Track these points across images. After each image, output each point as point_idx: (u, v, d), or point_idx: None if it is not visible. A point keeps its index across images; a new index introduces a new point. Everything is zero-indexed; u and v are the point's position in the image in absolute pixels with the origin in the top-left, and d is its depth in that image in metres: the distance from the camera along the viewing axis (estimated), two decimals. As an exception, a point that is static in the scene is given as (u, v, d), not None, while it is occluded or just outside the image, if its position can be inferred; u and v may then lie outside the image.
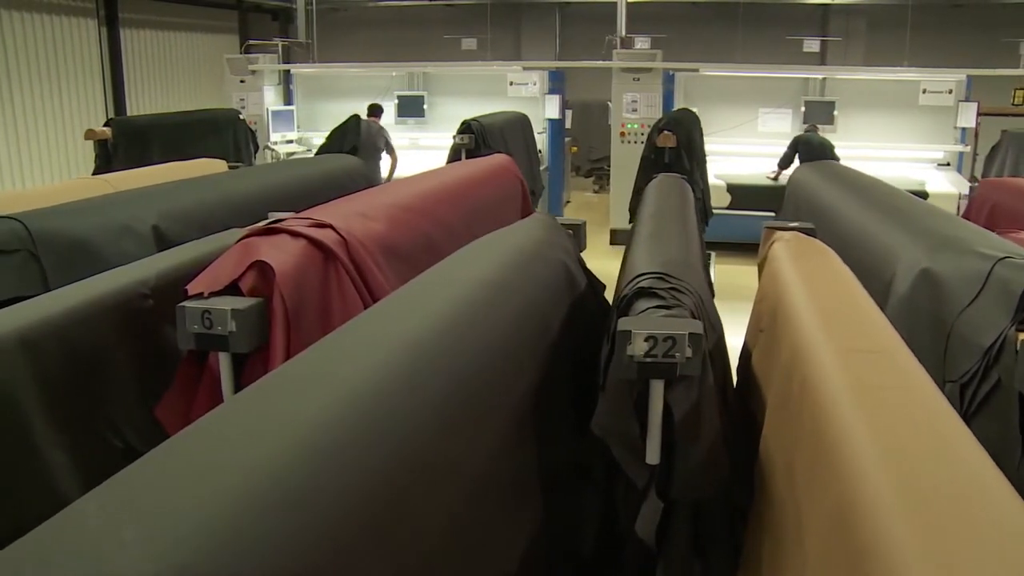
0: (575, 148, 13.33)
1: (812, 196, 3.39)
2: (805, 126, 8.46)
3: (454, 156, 6.70)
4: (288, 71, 10.15)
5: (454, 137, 6.64)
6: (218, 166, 4.28)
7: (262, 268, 1.87)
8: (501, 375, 1.55)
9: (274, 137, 9.63)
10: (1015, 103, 9.59)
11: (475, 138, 6.61)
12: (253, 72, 9.66)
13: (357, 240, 2.08)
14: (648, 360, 1.65)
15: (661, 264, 2.05)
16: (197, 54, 12.28)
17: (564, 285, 2.12)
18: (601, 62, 9.92)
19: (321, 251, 1.99)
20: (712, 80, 9.53)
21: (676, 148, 6.17)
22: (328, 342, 1.34)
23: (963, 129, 8.66)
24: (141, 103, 11.00)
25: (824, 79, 9.08)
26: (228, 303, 1.77)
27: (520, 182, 3.65)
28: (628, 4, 12.66)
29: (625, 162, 9.48)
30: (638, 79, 9.25)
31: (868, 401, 1.32)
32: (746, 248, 6.70)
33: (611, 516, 2.11)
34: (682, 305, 1.88)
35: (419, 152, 9.98)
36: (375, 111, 8.98)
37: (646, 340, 1.64)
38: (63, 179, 9.91)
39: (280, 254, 1.90)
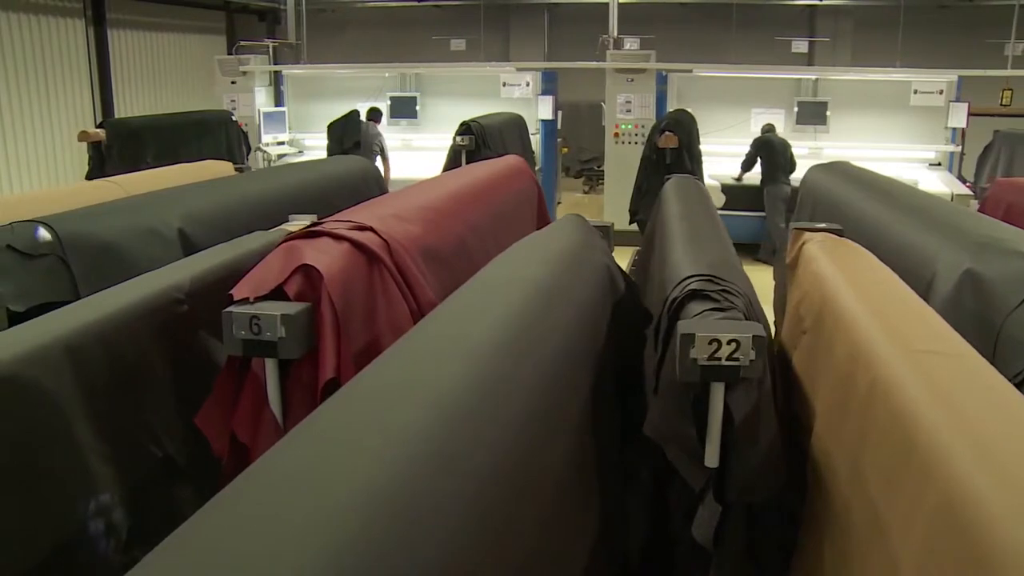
0: (566, 149, 13.34)
1: (830, 197, 3.39)
2: (764, 126, 8.46)
3: (454, 157, 6.68)
4: (279, 72, 10.06)
5: (454, 138, 6.61)
6: (224, 168, 4.22)
7: (307, 272, 1.84)
8: (568, 379, 1.53)
9: (265, 138, 9.55)
10: (1003, 103, 9.71)
11: (475, 139, 6.59)
12: (244, 73, 9.57)
13: (398, 243, 2.05)
14: (711, 363, 1.64)
15: (707, 266, 2.04)
16: (185, 55, 12.17)
17: (608, 287, 2.11)
18: (595, 63, 9.91)
19: (364, 254, 1.96)
20: (705, 81, 9.57)
21: (678, 149, 6.20)
22: (405, 347, 1.32)
23: (954, 129, 8.74)
24: (129, 104, 10.87)
25: (817, 80, 9.13)
26: (277, 308, 1.74)
27: (536, 184, 3.63)
28: (618, 5, 12.69)
29: (619, 163, 9.49)
30: (632, 80, 9.26)
31: (949, 402, 1.31)
32: (741, 248, 6.72)
33: (658, 518, 2.10)
34: (735, 307, 1.87)
35: (412, 153, 9.95)
36: (375, 115, 8.97)
37: (710, 343, 1.63)
38: (50, 181, 9.78)
39: (325, 258, 1.86)
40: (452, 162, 6.68)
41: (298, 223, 2.91)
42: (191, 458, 2.10)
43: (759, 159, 7.84)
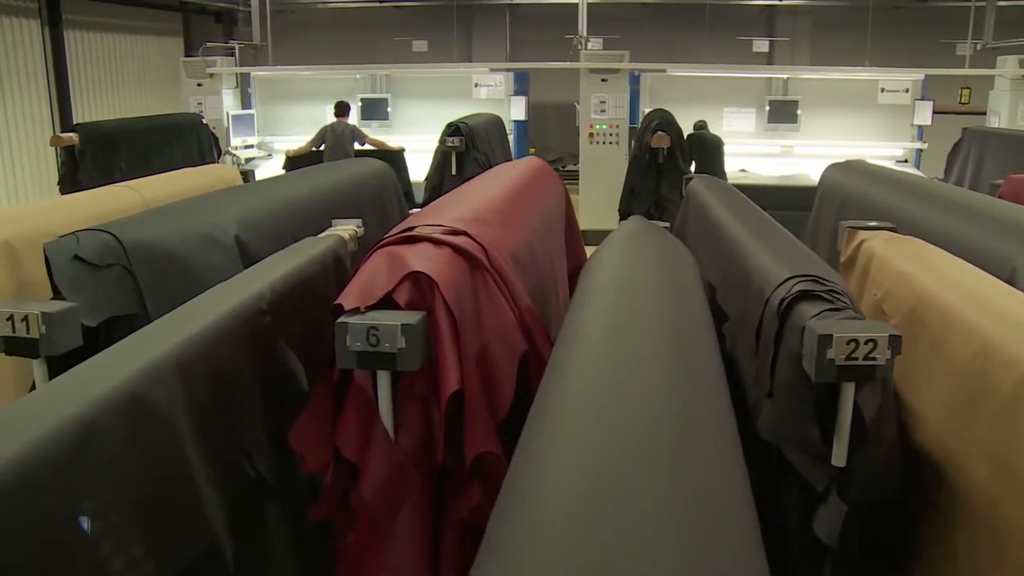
0: (532, 149, 13.33)
1: (860, 196, 3.42)
2: (696, 123, 8.38)
3: (442, 159, 6.60)
4: (246, 74, 9.82)
5: (444, 139, 6.53)
6: (231, 174, 4.08)
7: (416, 279, 1.77)
8: (721, 381, 1.51)
9: (234, 141, 9.31)
10: (962, 101, 10.02)
11: (465, 140, 6.52)
12: (211, 75, 9.32)
13: (492, 247, 1.99)
14: (849, 363, 1.63)
15: (802, 266, 2.04)
16: (142, 57, 11.80)
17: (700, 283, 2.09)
18: (569, 63, 9.92)
19: (466, 259, 1.90)
20: (677, 80, 9.64)
21: (671, 148, 6.22)
22: (592, 360, 1.27)
23: (920, 127, 8.98)
24: (87, 108, 10.49)
25: (788, 79, 9.29)
26: (395, 318, 1.67)
27: (562, 184, 3.59)
28: (577, 5, 12.72)
29: (595, 163, 9.50)
30: (606, 80, 9.28)
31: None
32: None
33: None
34: (849, 306, 1.86)
35: (384, 155, 9.82)
36: (342, 110, 8.60)
37: (848, 343, 1.62)
38: (10, 188, 9.37)
39: (433, 264, 1.80)
40: (441, 164, 6.61)
41: (344, 228, 2.83)
42: (277, 475, 2.01)
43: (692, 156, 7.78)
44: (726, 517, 0.85)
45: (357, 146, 8.29)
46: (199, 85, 9.39)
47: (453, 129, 6.57)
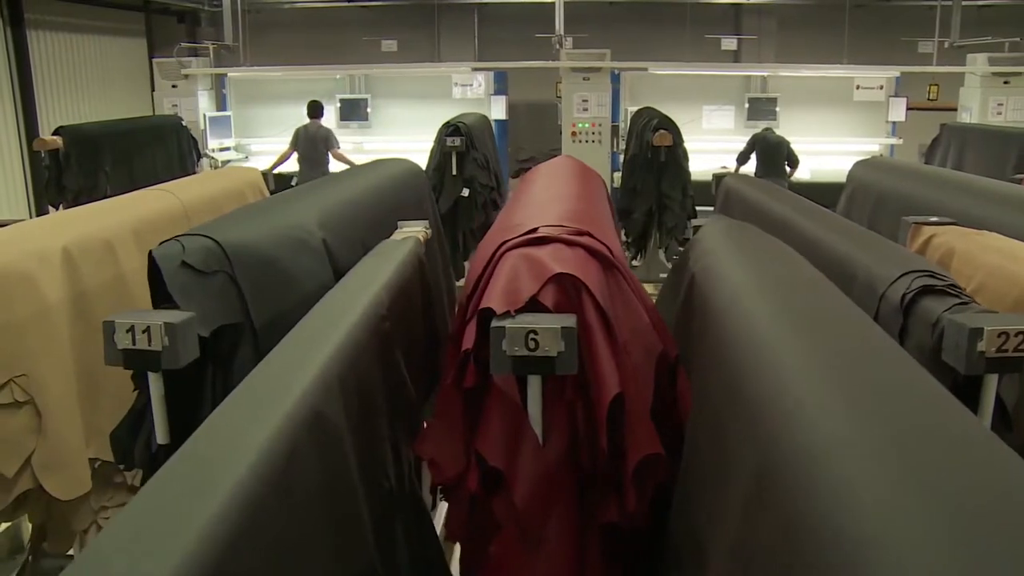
0: (510, 148, 13.31)
1: (898, 193, 3.49)
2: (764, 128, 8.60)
3: (442, 159, 6.51)
4: (223, 76, 9.61)
5: (443, 139, 6.46)
6: (254, 175, 3.98)
7: (561, 281, 1.74)
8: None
9: (212, 143, 9.10)
10: (930, 98, 10.32)
11: (465, 140, 6.46)
12: (186, 76, 9.09)
13: (614, 247, 1.98)
14: (998, 355, 1.66)
15: (910, 262, 2.07)
16: (106, 58, 11.44)
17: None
18: (551, 62, 9.94)
19: (598, 260, 1.88)
20: (657, 79, 9.73)
21: (671, 147, 6.26)
22: (796, 359, 1.26)
23: (894, 123, 9.22)
24: (52, 110, 10.14)
25: (767, 77, 9.45)
26: (552, 321, 1.64)
27: (603, 180, 3.58)
28: (546, 4, 12.75)
29: (578, 162, 9.54)
30: (588, 79, 9.32)
31: None
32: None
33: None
34: (972, 300, 1.90)
35: (364, 156, 9.66)
36: (315, 111, 8.42)
37: (999, 336, 1.65)
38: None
39: (575, 265, 1.77)
40: (441, 164, 6.52)
41: (409, 229, 2.79)
42: (402, 487, 1.97)
43: (755, 155, 8.00)
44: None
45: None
46: (174, 87, 9.16)
47: (452, 129, 6.50)
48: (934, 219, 2.83)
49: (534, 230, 1.93)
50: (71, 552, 3.02)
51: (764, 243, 2.16)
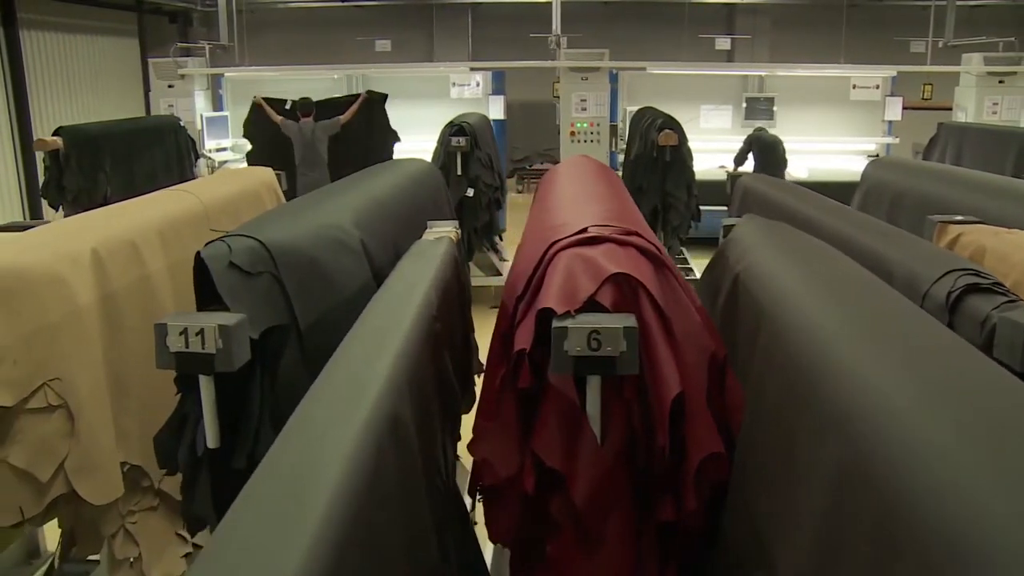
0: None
1: (917, 192, 3.51)
2: (756, 128, 8.71)
3: (447, 159, 6.50)
4: (219, 76, 9.55)
5: (449, 139, 6.45)
6: (268, 175, 3.96)
7: (617, 280, 1.74)
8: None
9: (209, 144, 9.05)
10: (924, 97, 10.40)
11: (469, 140, 6.46)
12: (182, 76, 9.03)
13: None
14: (1054, 352, 1.68)
15: (956, 261, 2.09)
16: (98, 58, 11.36)
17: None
18: (549, 62, 9.95)
19: (650, 260, 1.88)
20: (654, 78, 9.76)
21: (676, 147, 6.28)
22: (864, 357, 1.27)
23: (890, 122, 9.29)
24: (45, 111, 10.05)
25: (764, 76, 9.49)
26: (614, 320, 1.64)
27: (618, 176, 3.59)
28: (540, 4, 12.77)
29: (576, 162, 9.55)
30: (586, 78, 9.34)
31: None
32: (702, 243, 6.98)
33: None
34: (1019, 298, 1.92)
35: (362, 157, 9.66)
36: (306, 108, 8.17)
37: (1052, 333, 1.67)
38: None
39: (629, 265, 1.77)
40: (445, 164, 6.51)
41: (440, 229, 2.78)
42: (448, 488, 1.97)
43: (751, 155, 8.08)
44: None
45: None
46: (170, 87, 9.10)
47: (457, 128, 6.49)
48: (959, 217, 2.86)
49: (584, 230, 1.93)
50: (96, 557, 3.00)
51: (805, 242, 2.17)
